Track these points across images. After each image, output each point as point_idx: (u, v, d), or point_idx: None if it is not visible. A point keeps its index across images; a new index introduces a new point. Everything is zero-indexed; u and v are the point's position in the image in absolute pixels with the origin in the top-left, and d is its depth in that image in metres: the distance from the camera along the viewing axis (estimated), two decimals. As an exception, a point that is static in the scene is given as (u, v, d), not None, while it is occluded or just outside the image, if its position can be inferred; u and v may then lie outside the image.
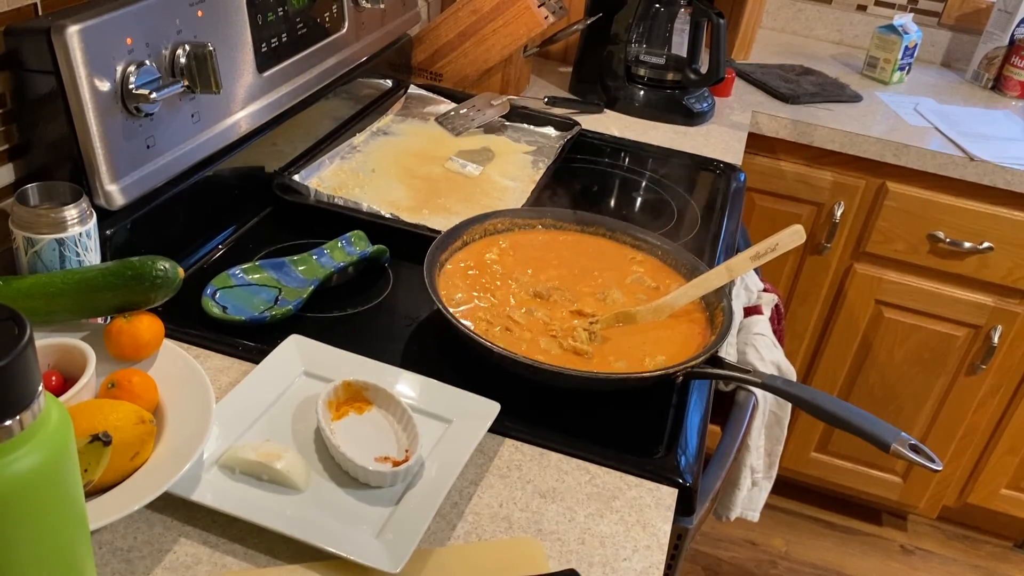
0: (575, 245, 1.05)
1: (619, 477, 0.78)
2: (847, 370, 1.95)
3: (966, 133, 1.76)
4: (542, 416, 0.82)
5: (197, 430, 0.69)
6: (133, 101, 0.87)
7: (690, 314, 0.96)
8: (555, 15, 1.54)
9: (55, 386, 0.70)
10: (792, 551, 2.08)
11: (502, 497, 0.74)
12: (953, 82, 2.07)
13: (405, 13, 1.49)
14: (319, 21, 1.21)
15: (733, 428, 1.01)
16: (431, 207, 1.18)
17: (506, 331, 0.89)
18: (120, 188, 0.88)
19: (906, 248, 1.78)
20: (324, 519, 0.68)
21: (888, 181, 1.75)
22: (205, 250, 1.03)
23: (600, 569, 0.68)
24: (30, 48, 0.81)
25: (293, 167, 1.18)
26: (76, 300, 0.76)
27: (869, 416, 0.80)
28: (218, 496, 0.68)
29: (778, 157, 1.79)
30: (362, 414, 0.79)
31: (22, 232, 0.78)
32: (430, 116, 1.45)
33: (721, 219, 1.28)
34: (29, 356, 0.42)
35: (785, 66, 1.99)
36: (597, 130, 1.51)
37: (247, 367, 0.85)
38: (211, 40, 0.96)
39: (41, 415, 0.44)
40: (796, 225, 0.89)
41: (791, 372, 1.30)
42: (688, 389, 0.89)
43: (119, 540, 0.66)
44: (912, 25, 1.97)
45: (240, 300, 0.92)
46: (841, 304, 1.89)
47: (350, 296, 0.98)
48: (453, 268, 0.97)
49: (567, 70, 1.78)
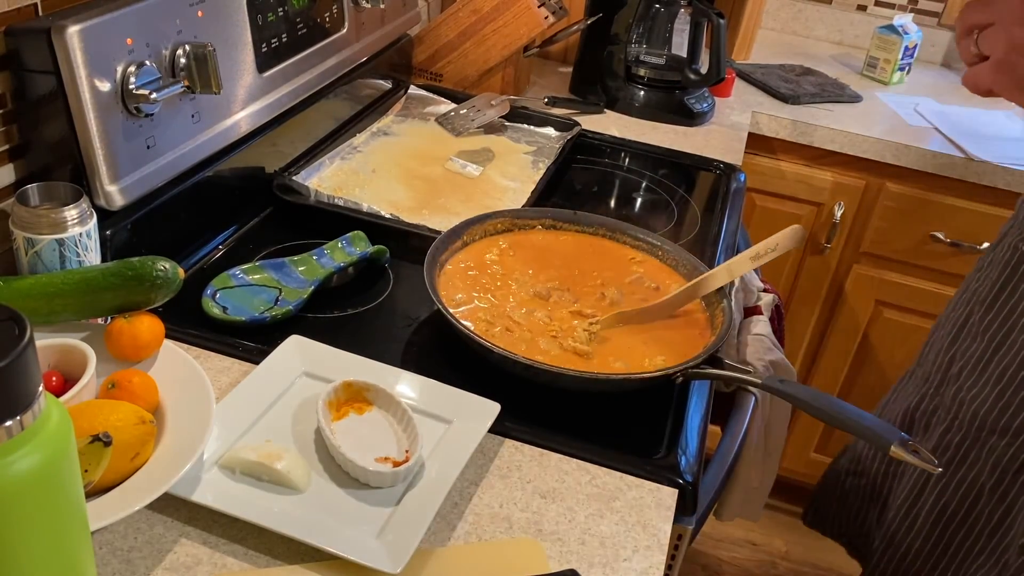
0: (575, 245, 1.05)
1: (619, 477, 0.78)
2: (847, 370, 1.95)
3: (966, 133, 1.76)
4: (542, 416, 0.82)
5: (197, 430, 0.69)
6: (133, 101, 0.87)
7: (690, 314, 0.96)
8: (555, 15, 1.54)
9: (55, 386, 0.70)
10: (792, 551, 2.08)
11: (502, 497, 0.74)
12: (953, 82, 2.07)
13: (405, 13, 1.49)
14: (319, 21, 1.21)
15: (733, 428, 1.01)
16: (431, 207, 1.18)
17: (506, 331, 0.89)
18: (120, 188, 0.88)
19: (906, 248, 1.78)
20: (324, 519, 0.68)
21: (888, 181, 1.75)
22: (205, 250, 1.03)
23: (600, 569, 0.68)
24: (30, 48, 0.81)
25: (293, 167, 1.18)
26: (76, 300, 0.76)
27: (869, 416, 0.80)
28: (218, 496, 0.68)
29: (778, 157, 1.79)
30: (362, 415, 0.79)
31: (22, 232, 0.78)
32: (430, 116, 1.45)
33: (721, 219, 1.28)
34: (29, 356, 0.42)
35: (785, 66, 1.99)
36: (597, 130, 1.51)
37: (247, 368, 0.85)
38: (211, 40, 0.96)
39: (41, 415, 0.44)
40: (796, 225, 0.89)
41: (791, 372, 1.30)
42: (688, 389, 0.89)
43: (119, 540, 0.66)
44: (912, 25, 1.97)
45: (240, 300, 0.92)
46: (841, 304, 1.89)
47: (350, 296, 0.98)
48: (453, 268, 0.97)
49: (567, 70, 1.78)
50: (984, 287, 1.12)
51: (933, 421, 1.17)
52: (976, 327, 1.12)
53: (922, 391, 1.21)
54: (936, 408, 1.17)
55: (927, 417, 1.19)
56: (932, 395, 1.18)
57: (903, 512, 1.19)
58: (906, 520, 1.18)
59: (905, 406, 1.23)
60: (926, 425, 1.19)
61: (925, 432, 1.19)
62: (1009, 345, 1.06)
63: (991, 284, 1.11)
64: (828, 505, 1.38)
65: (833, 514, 1.37)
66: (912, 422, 1.22)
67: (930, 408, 1.18)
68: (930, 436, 1.17)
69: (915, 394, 1.22)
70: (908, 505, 1.18)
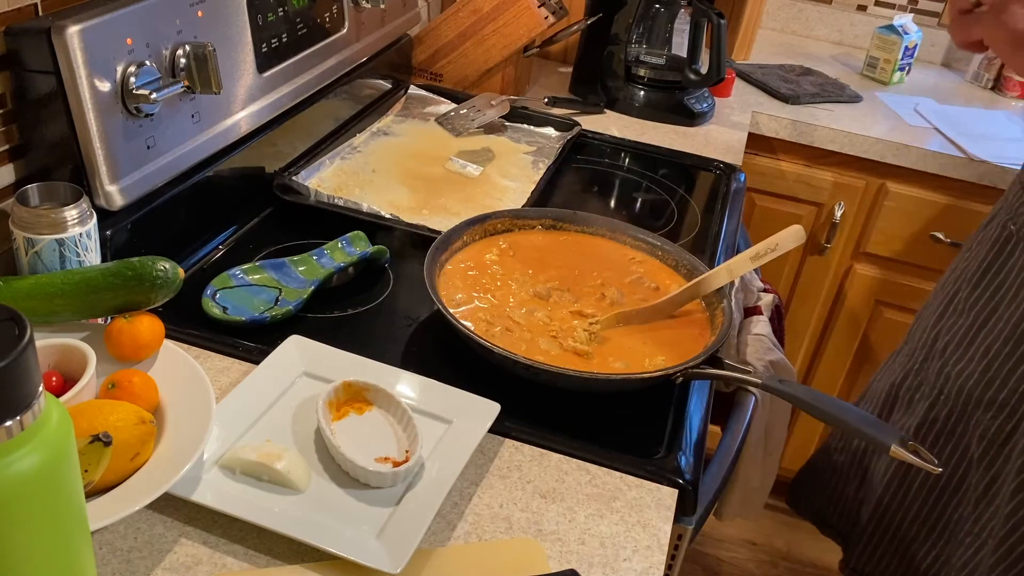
0: (575, 245, 1.05)
1: (619, 477, 0.78)
2: (847, 370, 1.95)
3: (966, 133, 1.76)
4: (542, 416, 0.82)
5: (197, 431, 0.69)
6: (133, 101, 0.87)
7: (690, 314, 0.96)
8: (555, 15, 1.54)
9: (55, 386, 0.70)
10: (792, 551, 2.08)
11: (502, 497, 0.74)
12: (953, 82, 2.07)
13: (405, 13, 1.49)
14: (319, 21, 1.21)
15: (733, 428, 1.01)
16: (431, 207, 1.18)
17: (506, 331, 0.89)
18: (120, 188, 0.88)
19: (906, 248, 1.78)
20: (324, 519, 0.68)
21: (888, 181, 1.75)
22: (205, 250, 1.03)
23: (600, 569, 0.68)
24: (30, 48, 0.81)
25: (293, 167, 1.18)
26: (76, 300, 0.76)
27: (869, 416, 0.80)
28: (218, 496, 0.68)
29: (778, 157, 1.79)
30: (362, 415, 0.79)
31: (22, 232, 0.78)
32: (430, 116, 1.45)
33: (721, 219, 1.28)
34: (29, 356, 0.42)
35: (785, 66, 1.99)
36: (597, 130, 1.51)
37: (247, 368, 0.85)
38: (211, 40, 0.96)
39: (41, 416, 0.44)
40: (796, 225, 0.89)
41: (791, 372, 1.30)
42: (688, 389, 0.89)
43: (119, 540, 0.66)
44: (912, 25, 1.97)
45: (240, 301, 0.92)
46: (841, 304, 1.89)
47: (350, 296, 0.98)
48: (453, 268, 0.97)
49: (567, 70, 1.78)
50: (972, 265, 1.14)
51: (917, 397, 1.19)
52: (963, 304, 1.13)
53: (907, 367, 1.23)
54: (920, 384, 1.19)
55: (911, 393, 1.21)
56: (917, 371, 1.20)
57: (894, 485, 1.21)
58: (898, 493, 1.21)
59: (890, 382, 1.26)
60: (909, 401, 1.21)
61: (908, 407, 1.21)
62: (995, 321, 1.07)
63: (979, 262, 1.13)
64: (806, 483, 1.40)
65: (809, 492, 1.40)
66: (896, 399, 1.24)
67: (914, 384, 1.21)
68: (914, 411, 1.19)
69: (900, 371, 1.25)
70: (899, 479, 1.20)
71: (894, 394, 1.25)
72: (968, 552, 1.11)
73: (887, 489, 1.22)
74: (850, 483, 1.31)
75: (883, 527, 1.24)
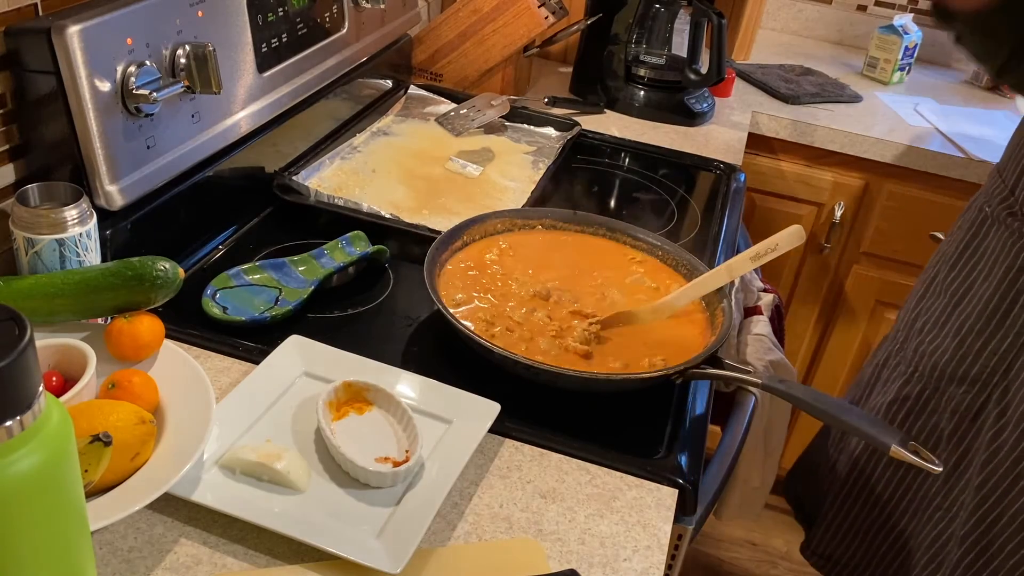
0: (575, 245, 1.05)
1: (619, 477, 0.78)
2: (847, 370, 1.95)
3: (966, 133, 1.76)
4: (542, 416, 0.82)
5: (197, 430, 0.69)
6: (133, 101, 0.87)
7: (690, 314, 0.96)
8: (555, 15, 1.54)
9: (55, 386, 0.70)
10: (792, 551, 2.08)
11: (502, 497, 0.74)
12: (953, 82, 2.07)
13: (405, 13, 1.49)
14: (319, 21, 1.21)
15: (733, 428, 1.01)
16: (431, 207, 1.18)
17: (506, 331, 0.89)
18: (120, 188, 0.88)
19: (906, 248, 1.78)
20: (324, 519, 0.68)
21: (888, 181, 1.75)
22: (205, 250, 1.03)
23: (600, 569, 0.68)
24: (30, 48, 0.81)
25: (293, 167, 1.18)
26: (76, 300, 0.76)
27: (870, 417, 0.80)
28: (218, 496, 0.68)
29: (778, 157, 1.79)
30: (362, 415, 0.79)
31: (22, 232, 0.78)
32: (430, 116, 1.45)
33: (721, 219, 1.28)
34: (29, 357, 0.42)
35: (785, 66, 1.99)
36: (597, 130, 1.51)
37: (247, 367, 0.85)
38: (211, 40, 0.96)
39: (41, 416, 0.44)
40: (796, 225, 0.89)
41: (791, 372, 1.30)
42: (688, 389, 0.89)
43: (119, 540, 0.66)
44: (912, 25, 1.97)
45: (240, 300, 0.92)
46: (841, 304, 1.89)
47: (350, 296, 0.98)
48: (453, 268, 0.97)
49: (567, 70, 1.78)
50: (951, 248, 1.17)
51: (894, 375, 1.20)
52: (940, 285, 1.16)
53: (888, 349, 1.25)
54: (899, 363, 1.20)
55: (888, 371, 1.22)
56: (897, 351, 1.22)
57: (863, 460, 1.22)
58: (866, 468, 1.21)
59: (875, 363, 1.28)
60: (886, 379, 1.22)
61: (884, 385, 1.22)
62: (970, 298, 1.10)
63: (956, 244, 1.16)
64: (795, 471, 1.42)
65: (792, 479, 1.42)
66: (876, 379, 1.26)
67: (892, 364, 1.22)
68: (888, 389, 1.20)
69: (883, 353, 1.26)
70: (864, 459, 1.21)
71: (875, 375, 1.27)
72: (939, 527, 1.12)
73: (853, 469, 1.24)
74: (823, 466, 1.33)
75: (846, 509, 1.26)
